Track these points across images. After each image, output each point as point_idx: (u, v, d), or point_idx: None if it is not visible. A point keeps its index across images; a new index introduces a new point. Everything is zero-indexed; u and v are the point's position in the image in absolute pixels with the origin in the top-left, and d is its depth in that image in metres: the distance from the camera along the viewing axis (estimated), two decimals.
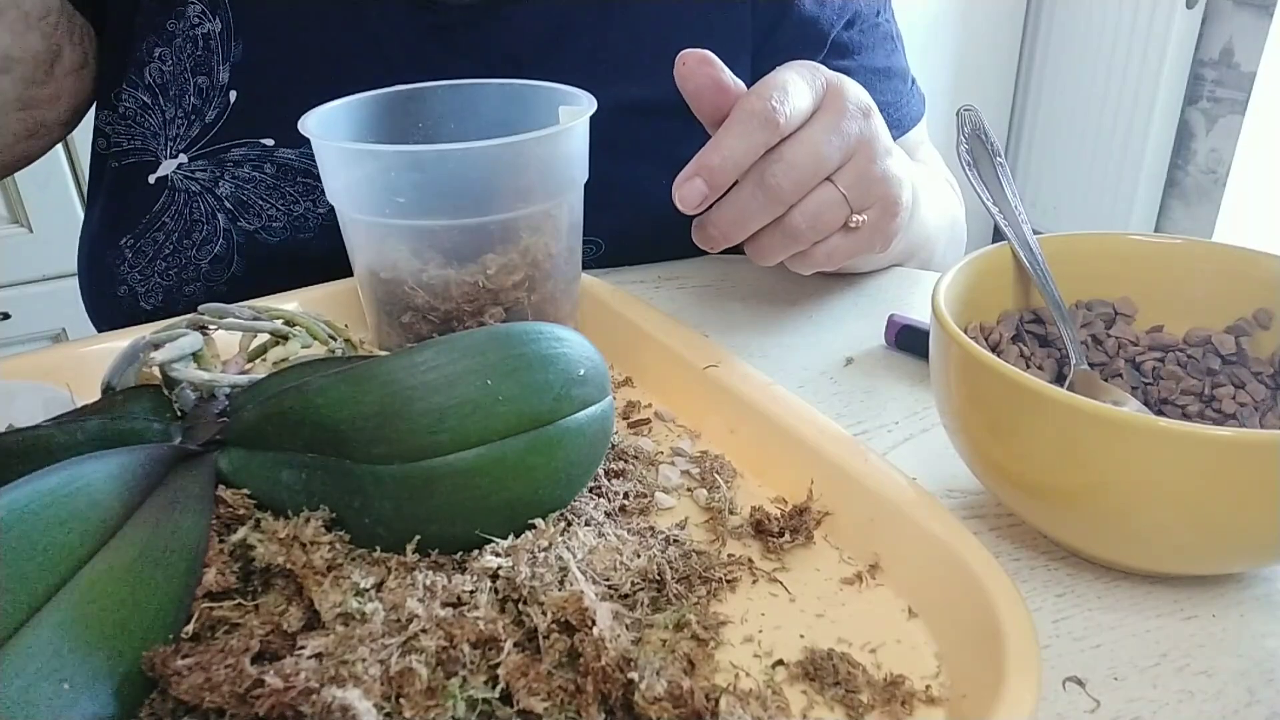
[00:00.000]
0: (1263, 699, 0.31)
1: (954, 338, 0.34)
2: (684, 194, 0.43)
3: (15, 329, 1.39)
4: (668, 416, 0.45)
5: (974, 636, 0.29)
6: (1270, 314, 0.40)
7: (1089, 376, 0.39)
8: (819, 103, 0.45)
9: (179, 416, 0.35)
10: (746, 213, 0.45)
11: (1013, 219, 0.43)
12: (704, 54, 0.44)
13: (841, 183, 0.46)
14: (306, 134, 0.42)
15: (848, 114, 0.45)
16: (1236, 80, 1.71)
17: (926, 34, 1.91)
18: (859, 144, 0.46)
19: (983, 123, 0.47)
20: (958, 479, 0.40)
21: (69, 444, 0.32)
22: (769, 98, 0.43)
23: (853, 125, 0.45)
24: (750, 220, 0.45)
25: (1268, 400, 0.39)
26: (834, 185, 0.46)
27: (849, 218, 0.47)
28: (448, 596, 0.29)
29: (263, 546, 0.30)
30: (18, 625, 0.25)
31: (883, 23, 0.66)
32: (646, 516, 0.37)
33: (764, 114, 0.43)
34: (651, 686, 0.27)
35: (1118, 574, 0.36)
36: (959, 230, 0.71)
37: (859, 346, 0.53)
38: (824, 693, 0.29)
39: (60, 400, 0.42)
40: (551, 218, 0.44)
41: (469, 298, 0.43)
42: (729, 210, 0.45)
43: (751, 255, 0.48)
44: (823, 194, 0.46)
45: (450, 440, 0.30)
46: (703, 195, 0.43)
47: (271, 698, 0.26)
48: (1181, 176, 1.86)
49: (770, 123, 0.43)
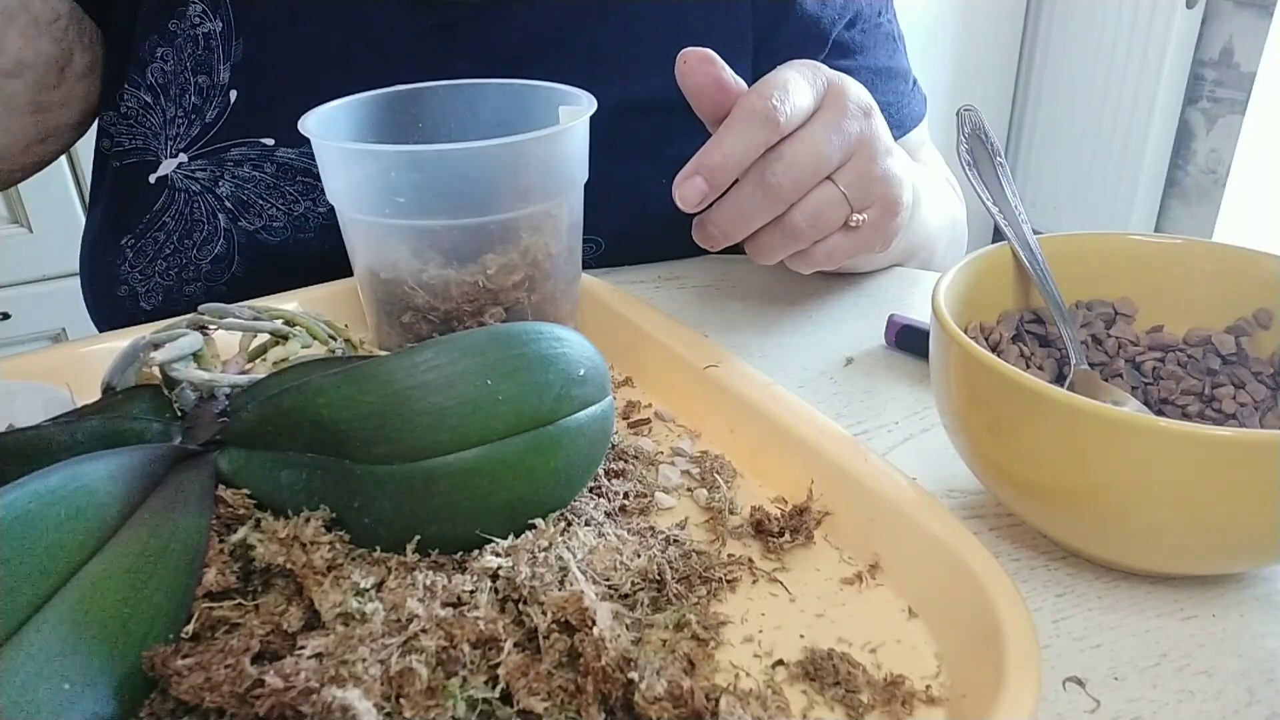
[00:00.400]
0: (1263, 699, 0.31)
1: (954, 338, 0.34)
2: (684, 192, 0.43)
3: (15, 329, 1.39)
4: (668, 416, 0.45)
5: (974, 636, 0.29)
6: (1270, 314, 0.40)
7: (1089, 376, 0.39)
8: (820, 102, 0.45)
9: (179, 416, 0.35)
10: (746, 211, 0.45)
11: (1013, 219, 0.43)
12: (705, 52, 0.44)
13: (842, 182, 0.46)
14: (306, 134, 0.42)
15: (849, 113, 0.45)
16: (1236, 80, 1.71)
17: (926, 34, 1.91)
18: (859, 143, 0.46)
19: (983, 123, 0.47)
20: (958, 479, 0.40)
21: (69, 444, 0.32)
22: (770, 96, 0.43)
23: (853, 124, 0.45)
24: (750, 219, 0.45)
25: (1268, 400, 0.39)
26: (834, 184, 0.46)
27: (849, 217, 0.47)
28: (448, 596, 0.29)
29: (263, 546, 0.30)
30: (18, 625, 0.25)
31: (885, 23, 0.66)
32: (646, 516, 0.37)
33: (765, 112, 0.43)
34: (651, 686, 0.27)
35: (1118, 574, 0.36)
36: (960, 231, 0.71)
37: (859, 346, 0.53)
38: (824, 693, 0.29)
39: (60, 400, 0.42)
40: (551, 218, 0.44)
41: (469, 298, 0.43)
42: (729, 209, 0.45)
43: (751, 254, 0.48)
44: (823, 193, 0.46)
45: (450, 440, 0.30)
46: (702, 194, 0.43)
47: (271, 698, 0.26)
48: (1181, 176, 1.86)
49: (771, 121, 0.43)
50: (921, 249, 0.63)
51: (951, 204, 0.69)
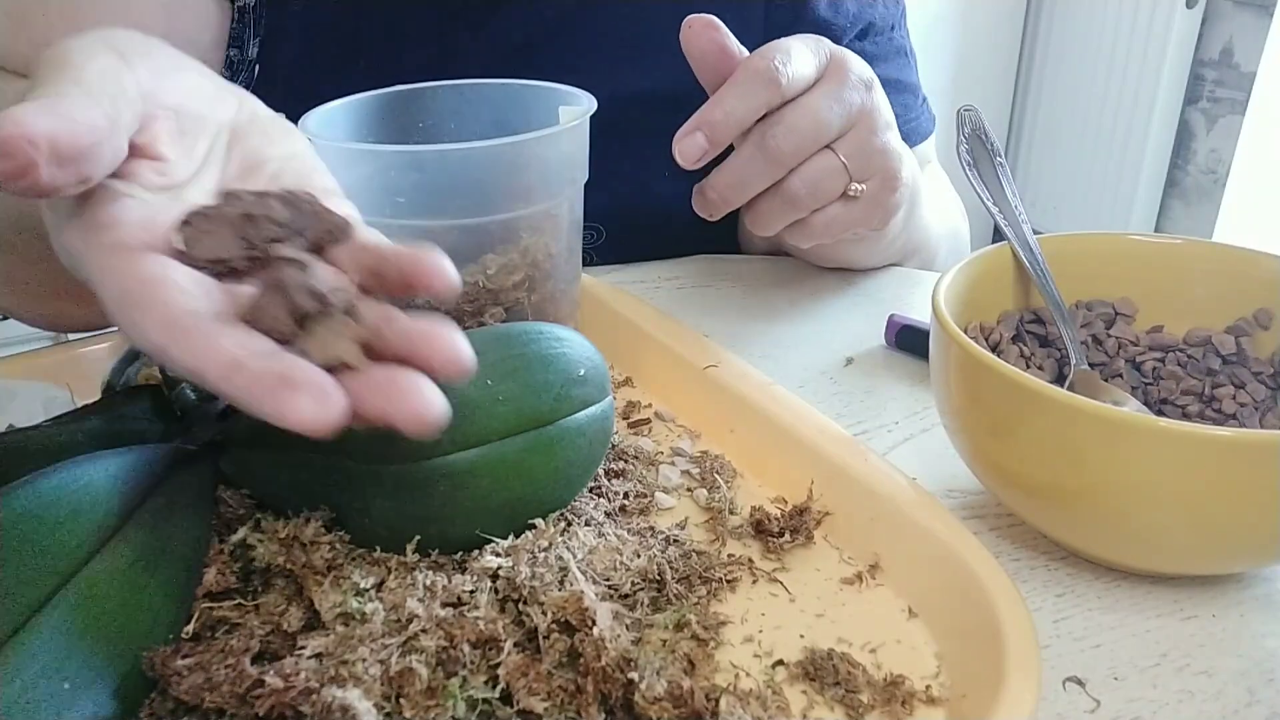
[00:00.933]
0: (1263, 699, 0.31)
1: (954, 338, 0.34)
2: (683, 148, 0.43)
3: (15, 329, 1.39)
4: (668, 416, 0.45)
5: (974, 636, 0.29)
6: (1270, 314, 0.40)
7: (1089, 376, 0.39)
8: (822, 71, 0.45)
9: (179, 417, 0.35)
10: (745, 175, 0.45)
11: (1013, 219, 0.43)
12: (710, 19, 0.44)
13: (841, 151, 0.46)
14: (306, 134, 0.42)
15: (849, 84, 0.45)
16: (1236, 80, 1.71)
17: (926, 34, 1.91)
18: (860, 114, 0.46)
19: (983, 123, 0.47)
20: (958, 479, 0.40)
21: (69, 444, 0.32)
22: (773, 59, 0.43)
23: (855, 95, 0.45)
24: (749, 183, 0.45)
25: (1268, 400, 0.39)
26: (834, 153, 0.46)
27: (849, 186, 0.47)
28: (448, 596, 0.29)
29: (263, 547, 0.30)
30: (18, 626, 0.25)
31: (897, 38, 0.66)
32: (646, 516, 0.37)
33: (767, 73, 0.43)
34: (651, 686, 0.27)
35: (1118, 574, 0.36)
36: (961, 243, 0.71)
37: (859, 346, 0.53)
38: (824, 693, 0.29)
39: (60, 400, 0.42)
40: (552, 217, 0.44)
41: (469, 298, 0.43)
42: (728, 173, 0.45)
43: (750, 223, 0.48)
44: (822, 161, 0.46)
45: (450, 440, 0.30)
46: (702, 150, 0.43)
47: (271, 698, 0.26)
48: (1181, 176, 1.86)
49: (773, 82, 0.43)
50: (921, 249, 0.63)
51: (954, 216, 0.69)
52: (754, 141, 0.44)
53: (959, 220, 0.70)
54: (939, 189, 0.70)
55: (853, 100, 0.45)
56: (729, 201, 0.46)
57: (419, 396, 0.24)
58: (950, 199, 0.71)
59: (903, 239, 0.59)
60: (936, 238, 0.64)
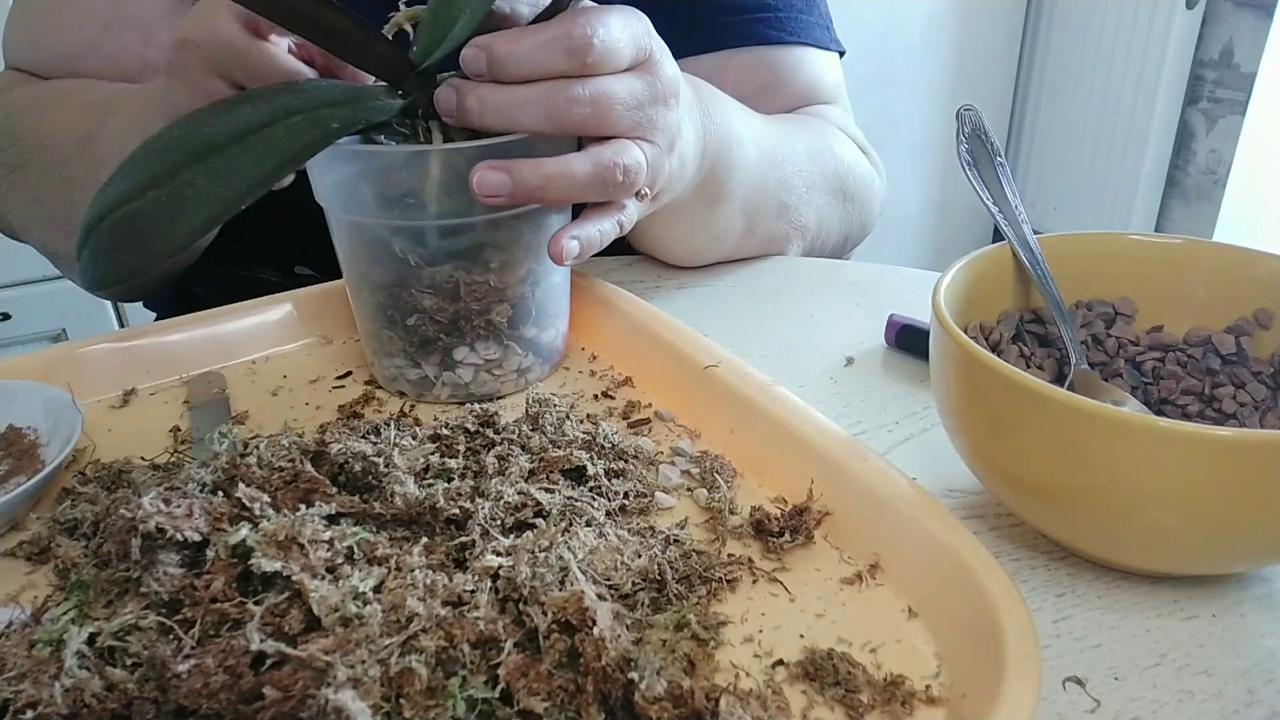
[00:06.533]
0: (1263, 699, 0.31)
1: (954, 338, 0.34)
2: (466, 58, 0.41)
3: (15, 329, 1.39)
4: (668, 416, 0.45)
5: (974, 636, 0.29)
6: (1270, 314, 0.40)
7: (1089, 376, 0.39)
8: (634, 63, 0.43)
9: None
10: (518, 97, 0.41)
11: (1013, 219, 0.43)
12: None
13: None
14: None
15: (656, 91, 0.43)
16: (1236, 81, 1.71)
17: (926, 34, 1.91)
18: (651, 128, 0.44)
19: (983, 123, 0.47)
20: (958, 479, 0.40)
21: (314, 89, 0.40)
22: (593, 31, 0.41)
23: (656, 110, 0.44)
24: (519, 111, 0.41)
25: (1268, 400, 0.39)
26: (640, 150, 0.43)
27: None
28: (448, 596, 0.29)
29: (262, 548, 0.30)
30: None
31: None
32: (646, 516, 0.37)
33: (580, 40, 0.40)
34: (651, 686, 0.27)
35: (1118, 574, 0.36)
36: (861, 191, 0.68)
37: (859, 346, 0.53)
38: (824, 693, 0.29)
39: (60, 400, 0.42)
40: (551, 213, 0.44)
41: (477, 296, 0.44)
42: (503, 94, 0.41)
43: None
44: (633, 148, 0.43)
45: None
46: (480, 73, 0.41)
47: (271, 700, 0.26)
48: (1181, 176, 1.86)
49: (579, 54, 0.40)
50: (793, 236, 0.63)
51: (848, 181, 0.66)
52: (542, 87, 0.41)
53: (858, 186, 0.67)
54: (827, 147, 0.66)
55: (650, 112, 0.43)
56: (485, 103, 0.41)
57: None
58: (841, 157, 0.67)
59: (761, 230, 0.60)
60: (818, 218, 0.64)
